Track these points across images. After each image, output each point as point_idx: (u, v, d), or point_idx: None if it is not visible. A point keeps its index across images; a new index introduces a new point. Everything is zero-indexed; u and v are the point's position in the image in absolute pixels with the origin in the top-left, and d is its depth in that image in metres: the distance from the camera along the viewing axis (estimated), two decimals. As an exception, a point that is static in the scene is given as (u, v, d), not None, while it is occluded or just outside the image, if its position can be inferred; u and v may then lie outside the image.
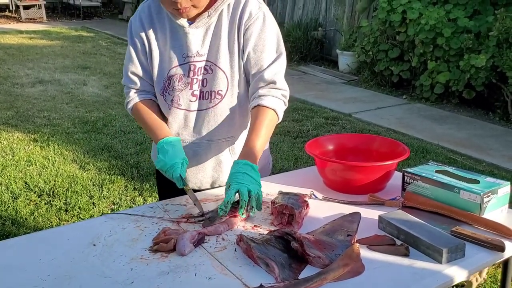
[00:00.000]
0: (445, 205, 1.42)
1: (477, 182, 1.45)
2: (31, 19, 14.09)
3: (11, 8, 15.07)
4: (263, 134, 1.49)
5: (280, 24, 8.86)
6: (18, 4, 14.14)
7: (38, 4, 14.17)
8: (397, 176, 1.63)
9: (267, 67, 1.54)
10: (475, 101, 5.69)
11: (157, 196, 1.71)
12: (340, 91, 6.66)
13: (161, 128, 1.60)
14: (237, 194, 1.36)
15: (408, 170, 1.55)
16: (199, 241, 1.29)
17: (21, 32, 11.66)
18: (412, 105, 5.97)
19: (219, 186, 1.69)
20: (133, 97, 1.65)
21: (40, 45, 10.02)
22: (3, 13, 15.16)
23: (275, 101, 1.54)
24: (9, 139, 4.67)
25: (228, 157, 1.67)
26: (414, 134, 4.89)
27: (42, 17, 14.22)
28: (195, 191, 1.62)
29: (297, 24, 8.54)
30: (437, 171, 1.53)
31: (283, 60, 1.58)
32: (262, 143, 1.49)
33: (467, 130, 5.03)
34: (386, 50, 6.50)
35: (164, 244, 1.26)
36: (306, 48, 8.32)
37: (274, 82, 1.55)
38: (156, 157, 1.56)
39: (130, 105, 1.66)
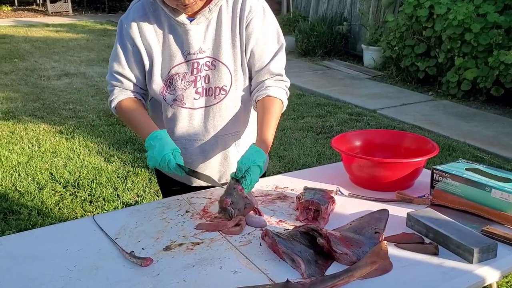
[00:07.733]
0: (475, 204, 1.39)
1: (509, 180, 1.41)
2: (57, 12, 14.31)
3: (38, 2, 15.33)
4: (274, 125, 1.54)
5: (304, 18, 8.89)
6: (45, -2, 14.38)
7: (65, -2, 14.40)
8: (425, 174, 1.60)
9: (272, 59, 1.57)
10: (504, 99, 5.57)
11: (179, 188, 1.71)
12: (365, 86, 6.59)
13: (147, 125, 1.54)
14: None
15: (437, 167, 1.52)
16: (260, 213, 1.42)
17: (47, 25, 11.85)
18: (438, 101, 5.87)
19: (226, 182, 1.67)
20: (117, 95, 1.60)
21: (66, 38, 10.17)
22: (30, 7, 15.43)
23: (281, 91, 1.59)
24: (36, 130, 4.75)
25: (234, 151, 1.66)
26: (440, 131, 4.80)
27: (68, 11, 14.44)
28: (204, 187, 1.64)
29: (322, 19, 8.48)
30: (467, 169, 1.49)
31: (284, 51, 1.61)
32: (272, 133, 1.54)
33: (495, 128, 4.92)
34: (412, 46, 6.40)
35: (238, 227, 1.33)
36: (331, 42, 8.25)
37: (280, 75, 1.59)
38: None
39: (114, 104, 1.60)
